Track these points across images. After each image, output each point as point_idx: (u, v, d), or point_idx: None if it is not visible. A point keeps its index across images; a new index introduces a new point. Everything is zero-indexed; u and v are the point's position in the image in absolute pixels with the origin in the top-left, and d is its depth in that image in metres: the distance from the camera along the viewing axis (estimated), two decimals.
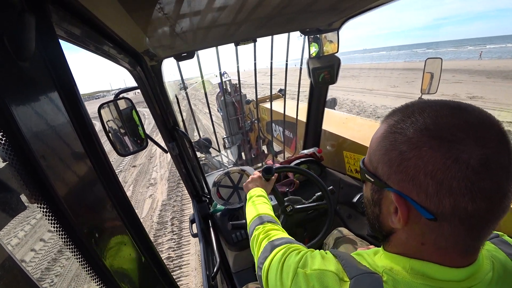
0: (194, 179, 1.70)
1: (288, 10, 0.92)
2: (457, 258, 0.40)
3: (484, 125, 0.35)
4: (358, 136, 1.81)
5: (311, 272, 0.49)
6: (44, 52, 0.41)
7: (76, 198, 0.45)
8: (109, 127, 1.03)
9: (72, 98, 0.46)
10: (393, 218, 0.42)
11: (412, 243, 0.43)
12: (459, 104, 0.38)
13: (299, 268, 0.52)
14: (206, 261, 1.24)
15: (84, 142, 0.48)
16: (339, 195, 1.79)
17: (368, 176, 0.46)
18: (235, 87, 4.53)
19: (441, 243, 0.39)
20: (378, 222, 0.48)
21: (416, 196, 0.38)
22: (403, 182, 0.39)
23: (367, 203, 0.51)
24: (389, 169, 0.41)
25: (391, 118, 0.43)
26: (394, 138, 0.40)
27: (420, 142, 0.36)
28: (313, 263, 0.51)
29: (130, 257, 0.61)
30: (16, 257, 0.34)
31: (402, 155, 0.38)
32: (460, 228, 0.37)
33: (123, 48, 0.90)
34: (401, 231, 0.43)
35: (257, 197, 0.99)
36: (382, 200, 0.45)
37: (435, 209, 0.36)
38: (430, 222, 0.37)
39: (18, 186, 0.35)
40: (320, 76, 1.64)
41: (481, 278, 0.40)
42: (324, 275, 0.47)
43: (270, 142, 4.00)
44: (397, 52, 69.53)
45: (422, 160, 0.36)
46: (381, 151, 0.42)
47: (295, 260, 0.54)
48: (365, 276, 0.44)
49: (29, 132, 0.35)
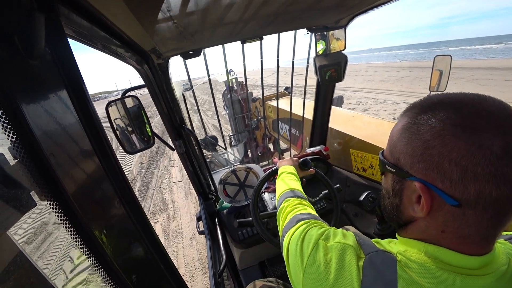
0: (200, 177, 1.70)
1: (295, 7, 0.91)
2: (475, 246, 0.41)
3: (504, 114, 0.36)
4: (365, 134, 1.80)
5: (332, 244, 0.51)
6: (54, 51, 0.41)
7: (84, 195, 0.46)
8: (117, 125, 1.04)
9: (80, 96, 0.46)
10: (416, 207, 0.43)
11: (431, 231, 0.43)
12: (478, 95, 0.39)
13: (320, 240, 0.53)
14: (212, 258, 1.24)
15: (92, 140, 0.49)
16: (345, 194, 1.78)
17: (389, 167, 0.47)
18: (242, 85, 4.52)
19: (463, 231, 0.39)
20: (397, 211, 0.49)
21: (441, 183, 0.38)
22: (427, 170, 0.39)
23: (386, 194, 0.52)
24: (412, 158, 0.41)
25: (411, 111, 0.44)
26: (416, 128, 0.41)
27: (444, 130, 0.37)
28: (335, 238, 0.53)
29: (137, 253, 0.61)
30: (27, 252, 0.34)
31: (425, 144, 0.39)
32: (484, 215, 0.37)
33: (131, 47, 0.90)
34: (421, 219, 0.44)
35: (288, 174, 1.03)
36: (404, 190, 0.45)
37: (460, 195, 0.37)
38: (454, 209, 0.38)
39: (28, 183, 0.36)
40: (327, 74, 1.63)
41: (495, 269, 0.41)
42: (343, 248, 0.49)
43: (276, 140, 3.99)
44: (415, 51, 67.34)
45: (446, 147, 0.37)
46: (403, 142, 0.43)
47: (318, 233, 0.56)
48: (380, 253, 0.46)
49: (39, 130, 0.36)
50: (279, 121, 3.44)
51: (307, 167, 1.19)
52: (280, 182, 0.99)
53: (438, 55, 1.68)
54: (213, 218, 1.66)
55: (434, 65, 1.68)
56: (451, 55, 1.69)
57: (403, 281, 0.41)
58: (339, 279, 0.45)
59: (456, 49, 51.38)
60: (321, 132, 2.05)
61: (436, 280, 0.40)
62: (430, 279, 0.40)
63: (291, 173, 1.04)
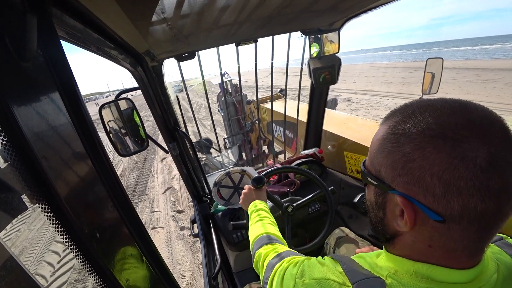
0: (195, 180, 1.69)
1: (289, 10, 0.92)
2: (463, 259, 0.40)
3: (487, 122, 0.34)
4: (358, 136, 1.81)
5: (309, 282, 0.48)
6: (46, 53, 0.41)
7: (77, 199, 0.45)
8: (110, 127, 1.03)
9: (73, 98, 0.46)
10: (399, 221, 0.41)
11: (418, 246, 0.41)
12: (460, 102, 0.37)
13: (297, 279, 0.51)
14: (207, 261, 1.23)
15: (85, 142, 0.48)
16: (340, 196, 1.79)
17: (370, 179, 0.44)
18: (236, 87, 4.52)
19: (450, 245, 0.38)
20: (382, 225, 0.47)
21: (423, 198, 0.36)
22: (408, 184, 0.37)
23: (370, 207, 0.49)
24: (393, 171, 0.39)
25: (391, 120, 0.41)
26: (396, 139, 0.39)
27: (424, 143, 0.35)
28: (312, 272, 0.50)
29: (131, 256, 0.61)
30: (17, 257, 0.34)
31: (406, 157, 0.37)
32: (469, 230, 0.36)
33: (124, 49, 0.90)
34: (407, 234, 0.42)
35: (256, 212, 0.97)
36: (387, 203, 0.43)
37: (443, 211, 0.35)
38: (438, 224, 0.37)
39: (19, 187, 0.35)
40: (321, 77, 1.64)
41: (486, 280, 0.40)
42: (324, 284, 0.46)
43: (270, 142, 4.00)
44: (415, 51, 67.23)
45: (427, 161, 0.35)
46: (383, 154, 0.41)
47: (293, 272, 0.53)
48: (368, 281, 0.43)
49: (30, 132, 0.35)
50: (274, 123, 3.45)
51: (261, 184, 1.13)
52: (251, 226, 0.93)
53: (430, 58, 1.71)
54: (207, 221, 1.65)
55: (426, 68, 1.71)
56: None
57: None
58: None
59: (450, 49, 51.81)
60: (315, 135, 2.06)
61: None
62: None
63: (259, 209, 0.98)
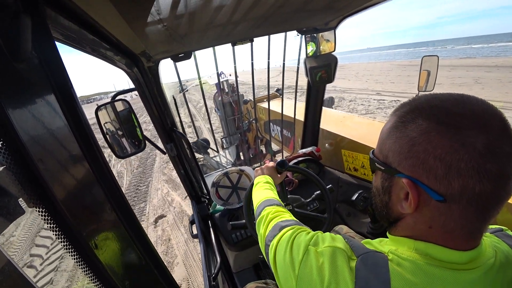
0: (193, 180, 1.69)
1: (285, 9, 0.92)
2: (462, 241, 0.42)
3: (488, 114, 0.38)
4: (356, 134, 1.82)
5: (322, 249, 0.50)
6: (40, 54, 0.40)
7: (74, 201, 0.45)
8: (107, 129, 1.02)
9: (68, 100, 0.46)
10: (404, 204, 0.44)
11: (419, 227, 0.45)
12: (463, 96, 0.41)
13: (310, 245, 0.53)
14: (206, 261, 1.23)
15: (82, 144, 0.48)
16: (338, 194, 1.79)
17: (378, 165, 0.48)
18: (233, 87, 4.52)
19: (449, 225, 0.41)
20: (386, 209, 0.50)
21: (426, 179, 0.40)
22: (413, 167, 0.41)
23: (376, 192, 0.53)
24: (399, 155, 0.43)
25: (400, 110, 0.45)
26: (404, 126, 0.43)
27: (429, 128, 0.39)
28: (324, 242, 0.53)
29: (130, 259, 0.60)
30: (15, 261, 0.33)
31: (412, 141, 0.41)
32: (468, 210, 0.39)
33: (120, 50, 0.89)
34: (409, 216, 0.46)
35: (264, 183, 1.02)
36: (393, 187, 0.47)
37: (444, 191, 0.38)
38: (439, 204, 0.40)
39: (16, 190, 0.34)
40: (318, 75, 1.64)
41: (482, 262, 0.42)
42: (334, 251, 0.48)
43: (268, 141, 4.00)
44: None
45: (431, 144, 0.38)
46: (391, 140, 0.45)
47: (306, 238, 0.55)
48: (371, 254, 0.46)
49: (26, 135, 0.35)
50: (271, 123, 3.45)
51: (283, 168, 1.17)
52: (256, 192, 0.98)
53: (425, 56, 1.72)
54: (206, 221, 1.65)
55: (422, 66, 1.72)
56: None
57: (395, 280, 0.41)
58: (333, 283, 0.45)
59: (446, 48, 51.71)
60: (313, 133, 2.06)
61: (427, 277, 0.41)
62: (421, 276, 0.41)
63: (267, 182, 1.03)
